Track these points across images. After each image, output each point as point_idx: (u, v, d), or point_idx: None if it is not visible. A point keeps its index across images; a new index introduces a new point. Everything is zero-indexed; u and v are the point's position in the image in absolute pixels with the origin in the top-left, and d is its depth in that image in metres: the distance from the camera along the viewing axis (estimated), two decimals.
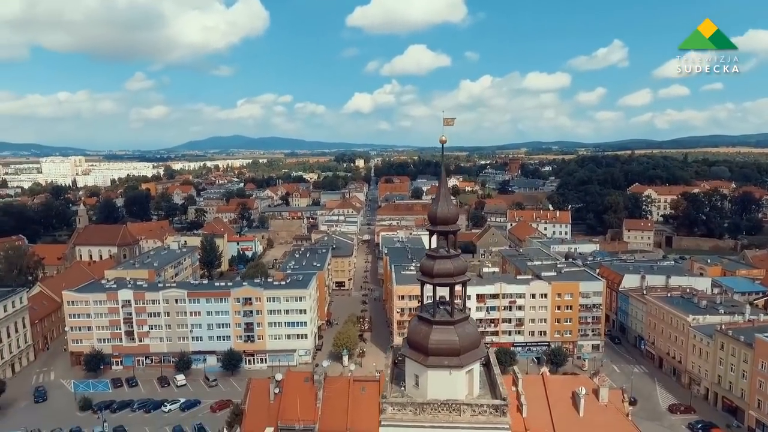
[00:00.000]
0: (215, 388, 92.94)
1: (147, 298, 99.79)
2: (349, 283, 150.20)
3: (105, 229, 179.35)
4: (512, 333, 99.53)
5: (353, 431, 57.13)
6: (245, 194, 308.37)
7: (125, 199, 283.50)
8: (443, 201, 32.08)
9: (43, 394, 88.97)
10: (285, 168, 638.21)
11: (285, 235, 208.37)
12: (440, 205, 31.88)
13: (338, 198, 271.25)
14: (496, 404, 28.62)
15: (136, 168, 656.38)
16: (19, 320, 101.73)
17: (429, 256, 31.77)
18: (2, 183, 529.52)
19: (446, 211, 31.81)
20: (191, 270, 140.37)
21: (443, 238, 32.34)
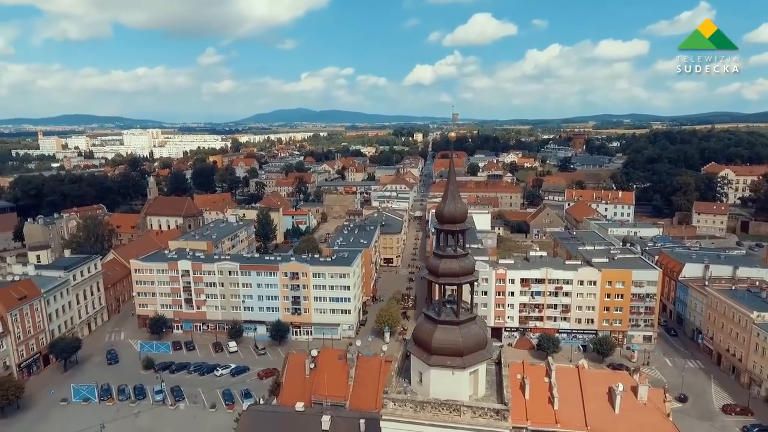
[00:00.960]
0: (263, 356, 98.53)
1: (203, 269, 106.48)
2: (397, 260, 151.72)
3: (172, 200, 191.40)
4: (557, 319, 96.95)
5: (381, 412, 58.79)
6: (304, 168, 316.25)
7: (193, 172, 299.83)
8: (451, 199, 31.53)
9: (115, 356, 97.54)
10: (344, 141, 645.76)
11: (338, 209, 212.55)
12: (447, 204, 31.38)
13: (392, 173, 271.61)
14: (497, 408, 28.43)
15: (206, 140, 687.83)
16: (94, 284, 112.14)
17: (436, 255, 31.53)
18: (89, 154, 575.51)
19: (453, 209, 31.28)
20: (247, 242, 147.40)
21: (451, 237, 31.84)
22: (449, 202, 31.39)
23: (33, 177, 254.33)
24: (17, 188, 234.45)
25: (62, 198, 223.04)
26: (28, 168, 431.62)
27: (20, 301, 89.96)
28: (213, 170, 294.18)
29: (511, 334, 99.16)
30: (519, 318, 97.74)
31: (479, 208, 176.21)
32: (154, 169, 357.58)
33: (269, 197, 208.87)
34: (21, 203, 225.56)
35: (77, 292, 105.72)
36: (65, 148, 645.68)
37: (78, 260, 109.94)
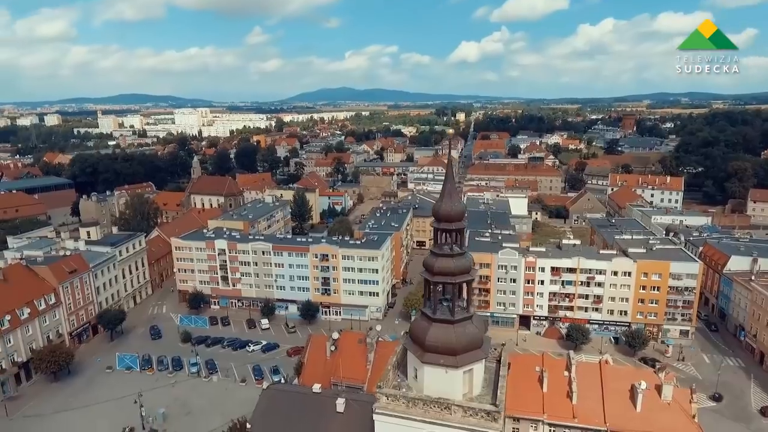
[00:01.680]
0: (294, 334, 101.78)
1: (238, 249, 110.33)
2: (430, 243, 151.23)
3: (214, 180, 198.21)
4: (588, 310, 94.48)
5: None
6: (343, 148, 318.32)
7: (236, 151, 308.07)
8: (447, 198, 31.14)
9: (159, 332, 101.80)
10: (386, 121, 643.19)
11: (375, 190, 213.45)
12: (443, 202, 31.06)
13: (431, 154, 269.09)
14: (488, 409, 28.37)
15: (252, 119, 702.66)
16: (139, 260, 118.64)
17: (432, 253, 31.38)
18: (143, 132, 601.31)
19: (449, 208, 30.91)
20: (283, 222, 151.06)
21: (448, 236, 31.49)
22: (445, 200, 31.07)
23: (89, 155, 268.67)
24: (75, 166, 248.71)
25: (115, 176, 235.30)
26: (87, 146, 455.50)
27: (71, 275, 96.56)
28: (255, 150, 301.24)
29: (540, 322, 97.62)
30: (548, 307, 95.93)
31: (516, 192, 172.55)
32: (201, 148, 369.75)
33: (307, 178, 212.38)
34: (79, 180, 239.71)
35: (123, 267, 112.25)
36: (121, 127, 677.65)
37: (124, 237, 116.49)
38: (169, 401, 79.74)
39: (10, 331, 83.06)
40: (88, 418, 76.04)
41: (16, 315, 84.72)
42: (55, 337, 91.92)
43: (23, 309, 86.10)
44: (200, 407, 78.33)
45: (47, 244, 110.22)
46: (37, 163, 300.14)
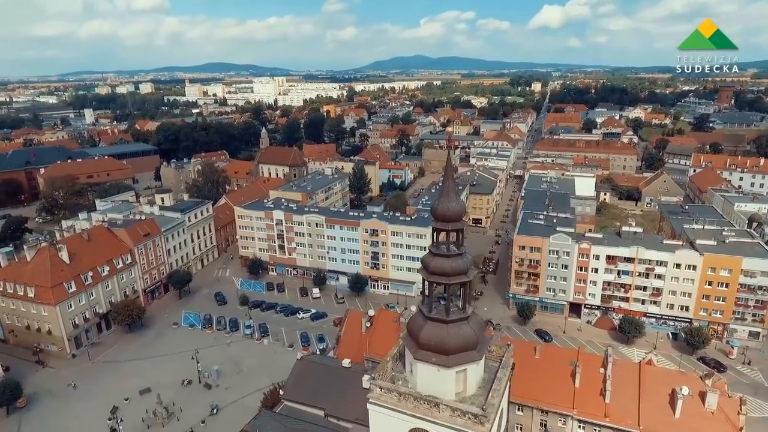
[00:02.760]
0: (342, 305, 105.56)
1: (294, 220, 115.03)
2: (486, 221, 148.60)
3: (280, 150, 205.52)
4: (646, 302, 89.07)
5: None
6: (410, 120, 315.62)
7: (305, 121, 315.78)
8: (445, 197, 30.57)
9: (224, 298, 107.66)
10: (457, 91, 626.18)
11: (437, 164, 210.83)
12: (441, 202, 30.55)
13: (498, 128, 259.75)
14: (474, 413, 28.37)
15: (325, 89, 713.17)
16: (206, 226, 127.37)
17: (430, 252, 31.22)
18: (223, 101, 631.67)
19: (446, 208, 30.34)
20: (341, 195, 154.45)
21: (446, 235, 31.05)
22: (443, 200, 30.56)
23: (172, 124, 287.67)
24: (160, 133, 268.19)
25: (194, 143, 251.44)
26: (174, 113, 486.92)
27: (145, 238, 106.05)
28: (323, 120, 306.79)
29: (592, 311, 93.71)
30: (601, 296, 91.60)
31: (584, 171, 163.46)
32: (274, 118, 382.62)
33: (368, 150, 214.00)
34: (163, 147, 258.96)
35: (191, 231, 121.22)
36: (205, 95, 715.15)
37: (193, 204, 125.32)
38: (224, 359, 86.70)
39: (92, 285, 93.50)
40: (154, 368, 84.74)
41: (98, 272, 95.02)
42: (130, 293, 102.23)
43: (104, 267, 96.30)
44: (250, 367, 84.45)
45: (127, 208, 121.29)
46: (129, 130, 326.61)
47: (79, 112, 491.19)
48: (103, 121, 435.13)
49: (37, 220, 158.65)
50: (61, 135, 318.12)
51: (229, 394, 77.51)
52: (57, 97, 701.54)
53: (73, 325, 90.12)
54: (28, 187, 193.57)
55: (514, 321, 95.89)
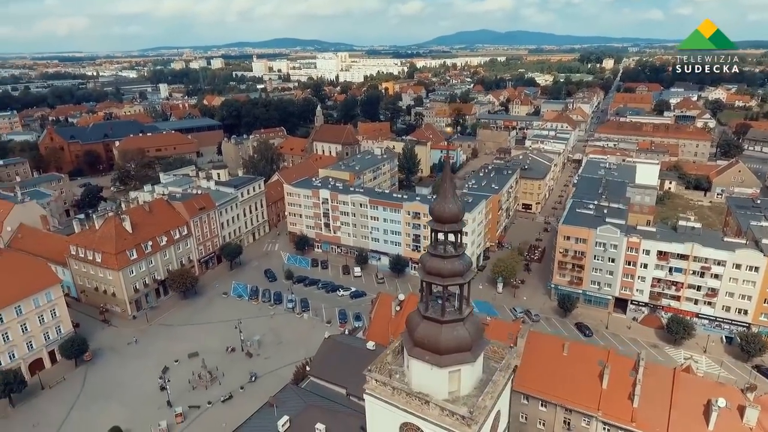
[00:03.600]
0: (381, 285, 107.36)
1: (339, 199, 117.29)
2: (536, 207, 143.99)
3: (334, 128, 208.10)
4: (699, 302, 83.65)
5: None
6: (468, 98, 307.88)
7: (362, 98, 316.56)
8: (442, 198, 30.22)
9: (273, 275, 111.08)
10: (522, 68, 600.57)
11: (491, 145, 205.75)
12: (438, 203, 30.26)
13: (559, 109, 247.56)
14: (462, 414, 28.50)
15: (386, 65, 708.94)
16: (258, 201, 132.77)
17: (427, 252, 31.18)
18: (286, 77, 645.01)
19: (441, 209, 30.02)
20: (390, 175, 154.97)
21: (443, 236, 30.79)
22: (440, 200, 30.25)
23: (235, 100, 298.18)
24: (224, 109, 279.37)
25: (254, 120, 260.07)
26: (240, 89, 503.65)
27: (200, 211, 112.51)
28: (379, 98, 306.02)
29: (639, 307, 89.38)
30: (650, 293, 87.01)
31: (649, 157, 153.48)
32: (333, 94, 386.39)
33: (421, 129, 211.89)
34: (226, 122, 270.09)
35: (244, 206, 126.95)
36: (270, 71, 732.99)
37: (246, 180, 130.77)
38: (266, 330, 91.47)
39: (151, 254, 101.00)
40: (203, 334, 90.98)
41: (157, 241, 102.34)
42: (186, 262, 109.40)
43: (162, 237, 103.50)
44: (289, 340, 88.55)
45: (186, 182, 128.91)
46: (198, 105, 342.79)
47: (156, 86, 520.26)
48: (176, 96, 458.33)
49: (112, 189, 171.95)
50: (138, 109, 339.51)
51: (267, 364, 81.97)
52: (137, 72, 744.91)
53: (134, 290, 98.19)
54: (105, 158, 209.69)
55: (554, 312, 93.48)
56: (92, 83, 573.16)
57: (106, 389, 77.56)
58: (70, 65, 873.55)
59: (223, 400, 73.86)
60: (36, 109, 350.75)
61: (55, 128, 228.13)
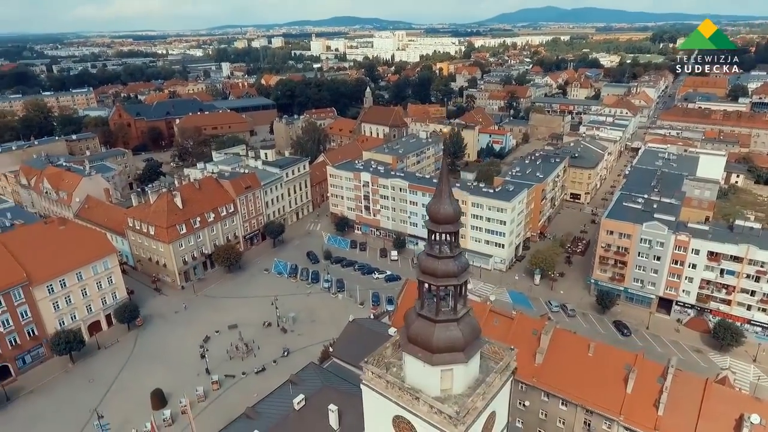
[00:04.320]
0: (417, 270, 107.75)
1: (380, 183, 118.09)
2: (585, 198, 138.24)
3: (382, 110, 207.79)
4: (752, 308, 78.06)
5: None
6: (524, 80, 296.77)
7: (414, 79, 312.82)
8: (436, 198, 30.04)
9: (316, 258, 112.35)
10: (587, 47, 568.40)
11: (544, 130, 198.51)
12: (432, 203, 30.12)
13: (621, 93, 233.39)
14: (448, 413, 28.75)
15: (443, 44, 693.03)
16: (303, 181, 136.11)
17: (424, 251, 31.27)
18: (343, 56, 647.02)
19: (436, 210, 29.89)
20: (434, 159, 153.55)
21: (439, 237, 30.68)
22: (435, 201, 30.12)
23: (289, 80, 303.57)
24: (278, 89, 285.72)
25: (307, 100, 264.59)
26: (297, 68, 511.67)
27: (246, 190, 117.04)
28: (431, 80, 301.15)
29: (684, 309, 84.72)
30: (698, 295, 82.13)
31: (715, 147, 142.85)
32: (386, 75, 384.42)
33: (471, 113, 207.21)
34: (280, 102, 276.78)
35: (288, 186, 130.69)
36: (328, 50, 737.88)
37: (291, 161, 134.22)
38: (301, 308, 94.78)
39: (200, 229, 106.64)
40: (243, 307, 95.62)
41: (205, 218, 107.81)
42: (232, 238, 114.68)
43: (210, 213, 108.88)
44: (323, 319, 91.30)
45: (236, 161, 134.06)
46: (256, 84, 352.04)
47: (219, 65, 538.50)
48: (237, 74, 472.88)
49: (171, 164, 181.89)
50: (201, 87, 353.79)
51: (300, 340, 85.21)
52: (203, 51, 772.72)
53: (183, 262, 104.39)
54: (167, 135, 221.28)
55: (592, 308, 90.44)
56: (161, 62, 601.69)
57: (153, 353, 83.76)
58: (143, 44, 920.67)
59: (256, 372, 77.73)
60: (110, 86, 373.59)
61: (124, 105, 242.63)
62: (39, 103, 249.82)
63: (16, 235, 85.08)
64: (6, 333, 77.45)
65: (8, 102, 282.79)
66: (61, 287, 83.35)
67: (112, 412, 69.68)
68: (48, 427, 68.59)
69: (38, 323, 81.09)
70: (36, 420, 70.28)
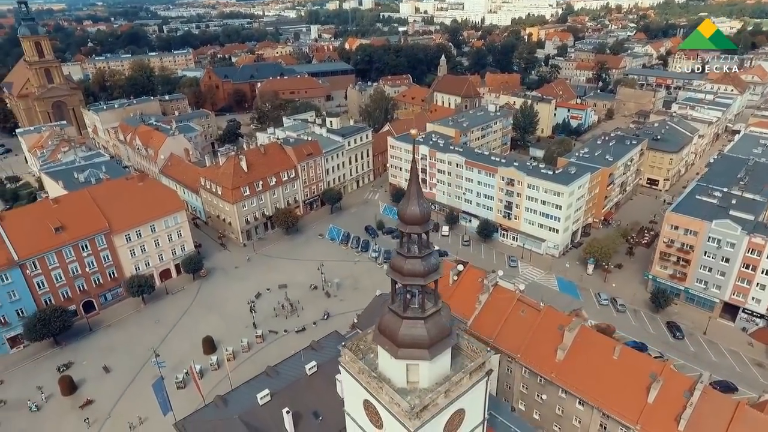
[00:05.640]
0: (466, 247, 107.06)
1: (437, 157, 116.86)
2: (664, 184, 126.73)
3: (456, 79, 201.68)
4: None
5: (494, 342, 60.91)
6: (620, 49, 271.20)
7: (497, 46, 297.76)
8: (405, 200, 30.00)
9: (375, 232, 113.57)
10: (705, 10, 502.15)
11: (632, 107, 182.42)
12: (402, 204, 30.16)
13: (733, 66, 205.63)
14: (403, 407, 29.55)
15: (539, 6, 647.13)
16: (365, 151, 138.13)
17: (395, 249, 31.59)
18: (430, 20, 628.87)
19: (405, 211, 29.91)
20: (501, 134, 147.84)
21: (407, 237, 30.70)
22: (404, 202, 30.21)
23: (368, 45, 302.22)
24: (358, 54, 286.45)
25: (384, 66, 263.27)
26: (383, 31, 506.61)
27: (307, 157, 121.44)
28: (514, 47, 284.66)
29: (752, 318, 76.86)
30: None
31: None
32: (471, 40, 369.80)
33: (552, 84, 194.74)
34: (358, 67, 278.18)
35: (350, 155, 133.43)
36: (417, 12, 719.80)
37: (354, 129, 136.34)
38: (347, 274, 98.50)
39: (262, 192, 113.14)
40: (295, 268, 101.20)
41: (267, 181, 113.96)
42: (292, 202, 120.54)
43: (272, 177, 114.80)
44: (366, 287, 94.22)
45: (302, 127, 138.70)
46: (340, 48, 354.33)
47: (308, 27, 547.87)
48: (325, 37, 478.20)
49: (250, 126, 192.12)
50: (288, 50, 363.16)
51: (341, 306, 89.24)
52: (296, 12, 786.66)
53: (246, 221, 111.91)
54: (250, 97, 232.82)
55: (645, 306, 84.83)
56: (256, 23, 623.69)
57: (211, 303, 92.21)
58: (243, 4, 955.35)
59: (297, 331, 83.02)
60: (209, 47, 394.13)
61: (213, 68, 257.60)
62: (143, 63, 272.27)
63: (102, 189, 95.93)
64: (91, 273, 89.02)
65: (120, 61, 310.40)
66: (137, 237, 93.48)
67: (170, 352, 78.67)
68: (118, 358, 79.00)
69: (117, 267, 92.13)
70: (110, 351, 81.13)
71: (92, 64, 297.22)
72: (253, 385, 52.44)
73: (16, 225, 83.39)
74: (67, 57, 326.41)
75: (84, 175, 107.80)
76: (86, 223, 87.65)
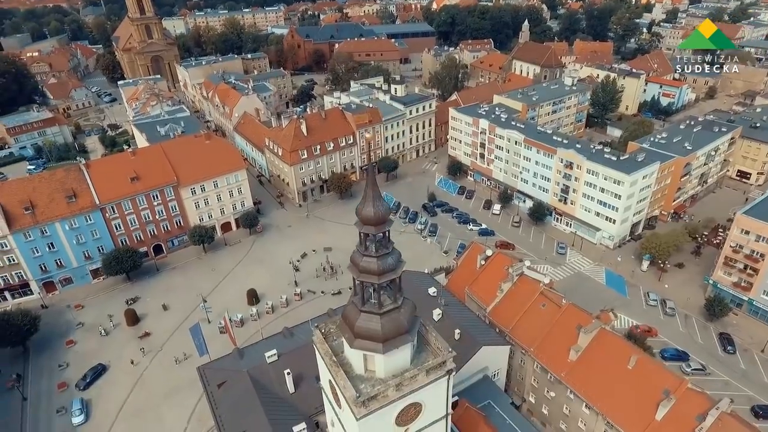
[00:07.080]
0: (516, 228, 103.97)
1: (496, 132, 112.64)
2: (757, 178, 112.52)
3: (537, 47, 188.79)
4: None
5: (511, 334, 60.24)
6: (741, 16, 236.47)
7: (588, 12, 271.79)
8: (363, 202, 30.15)
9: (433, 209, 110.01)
10: None
11: (739, 85, 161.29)
12: (360, 205, 30.45)
13: None
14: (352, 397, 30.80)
15: None
16: (427, 120, 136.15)
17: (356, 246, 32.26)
18: None
19: (361, 212, 30.12)
20: (575, 110, 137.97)
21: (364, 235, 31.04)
22: (362, 204, 30.67)
23: (453, 6, 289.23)
24: (441, 15, 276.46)
25: (466, 29, 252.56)
26: None
27: (367, 123, 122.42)
28: (611, 11, 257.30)
29: None
30: None
31: None
32: (567, 1, 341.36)
33: (646, 57, 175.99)
34: (440, 30, 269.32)
35: (411, 124, 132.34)
36: None
37: (417, 98, 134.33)
38: None
39: (319, 156, 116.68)
40: (342, 233, 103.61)
41: (325, 146, 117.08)
42: (349, 168, 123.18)
43: (330, 143, 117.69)
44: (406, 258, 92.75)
45: (367, 93, 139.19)
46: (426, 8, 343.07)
47: None
48: None
49: (325, 87, 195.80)
50: (374, 9, 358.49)
51: None
52: None
53: (303, 183, 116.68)
54: (329, 57, 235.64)
55: (698, 312, 78.10)
56: None
57: (262, 258, 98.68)
58: None
59: (333, 294, 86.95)
60: (301, 3, 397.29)
61: (296, 27, 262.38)
62: (233, 20, 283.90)
63: (174, 144, 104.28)
64: (161, 220, 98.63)
65: (217, 17, 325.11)
66: (201, 191, 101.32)
67: (218, 300, 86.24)
68: (176, 298, 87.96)
69: (183, 216, 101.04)
70: (170, 291, 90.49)
71: (193, 20, 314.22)
72: (268, 343, 56.72)
73: (101, 173, 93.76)
74: (174, 11, 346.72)
75: (165, 129, 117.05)
76: (158, 175, 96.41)
